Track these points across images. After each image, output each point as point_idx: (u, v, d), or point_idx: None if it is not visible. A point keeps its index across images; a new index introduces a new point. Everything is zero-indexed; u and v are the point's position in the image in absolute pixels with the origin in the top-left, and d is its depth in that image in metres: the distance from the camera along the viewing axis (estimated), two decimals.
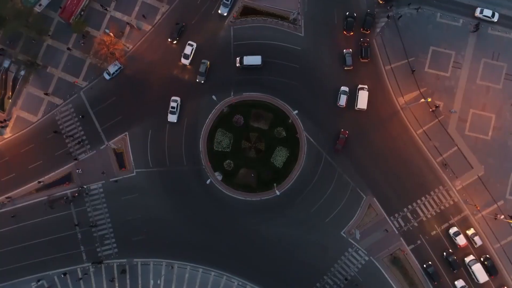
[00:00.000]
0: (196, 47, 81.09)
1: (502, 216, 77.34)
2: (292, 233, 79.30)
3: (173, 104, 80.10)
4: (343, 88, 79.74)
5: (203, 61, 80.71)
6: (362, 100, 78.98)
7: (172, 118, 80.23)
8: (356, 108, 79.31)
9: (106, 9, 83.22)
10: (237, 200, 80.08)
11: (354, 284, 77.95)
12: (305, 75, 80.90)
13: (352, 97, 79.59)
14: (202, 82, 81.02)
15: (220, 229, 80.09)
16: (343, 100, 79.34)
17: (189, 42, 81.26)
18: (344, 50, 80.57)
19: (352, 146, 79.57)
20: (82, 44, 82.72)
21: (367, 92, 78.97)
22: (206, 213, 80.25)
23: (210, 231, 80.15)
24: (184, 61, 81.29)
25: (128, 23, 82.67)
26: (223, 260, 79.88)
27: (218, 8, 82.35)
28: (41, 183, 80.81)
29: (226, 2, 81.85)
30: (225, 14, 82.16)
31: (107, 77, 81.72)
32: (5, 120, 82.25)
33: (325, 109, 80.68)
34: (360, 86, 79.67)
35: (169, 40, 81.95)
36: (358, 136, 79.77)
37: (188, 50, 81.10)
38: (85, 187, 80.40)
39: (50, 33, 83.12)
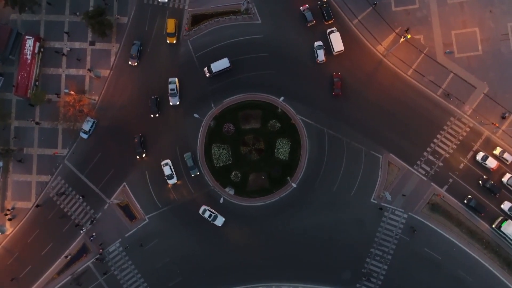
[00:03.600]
0: (172, 162, 76.69)
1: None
2: (323, 218, 76.33)
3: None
4: (316, 43, 76.85)
5: (185, 155, 76.88)
6: (337, 42, 76.09)
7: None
8: (334, 53, 76.50)
9: (63, 54, 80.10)
10: (257, 207, 77.13)
11: (413, 230, 74.80)
12: (277, 59, 78.09)
13: (328, 48, 76.78)
14: (198, 173, 77.15)
15: (250, 242, 77.18)
16: (321, 55, 76.38)
17: (163, 162, 76.61)
18: (301, 8, 77.84)
19: (350, 109, 76.70)
20: (32, 121, 79.22)
21: (338, 33, 76.23)
22: (231, 231, 77.24)
23: (242, 248, 77.20)
24: (171, 181, 76.59)
25: (81, 92, 79.04)
26: (266, 271, 76.82)
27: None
28: (68, 257, 77.54)
29: (172, 92, 77.02)
30: (177, 103, 77.59)
31: (84, 136, 78.59)
32: (9, 210, 79.07)
33: (308, 78, 77.82)
34: (328, 30, 76.84)
35: (137, 157, 77.60)
36: (351, 89, 76.50)
37: (167, 170, 76.27)
38: (101, 243, 77.53)
39: (13, 115, 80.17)
